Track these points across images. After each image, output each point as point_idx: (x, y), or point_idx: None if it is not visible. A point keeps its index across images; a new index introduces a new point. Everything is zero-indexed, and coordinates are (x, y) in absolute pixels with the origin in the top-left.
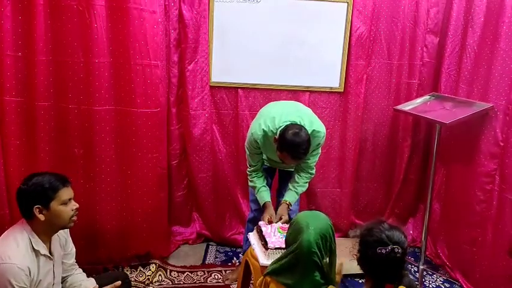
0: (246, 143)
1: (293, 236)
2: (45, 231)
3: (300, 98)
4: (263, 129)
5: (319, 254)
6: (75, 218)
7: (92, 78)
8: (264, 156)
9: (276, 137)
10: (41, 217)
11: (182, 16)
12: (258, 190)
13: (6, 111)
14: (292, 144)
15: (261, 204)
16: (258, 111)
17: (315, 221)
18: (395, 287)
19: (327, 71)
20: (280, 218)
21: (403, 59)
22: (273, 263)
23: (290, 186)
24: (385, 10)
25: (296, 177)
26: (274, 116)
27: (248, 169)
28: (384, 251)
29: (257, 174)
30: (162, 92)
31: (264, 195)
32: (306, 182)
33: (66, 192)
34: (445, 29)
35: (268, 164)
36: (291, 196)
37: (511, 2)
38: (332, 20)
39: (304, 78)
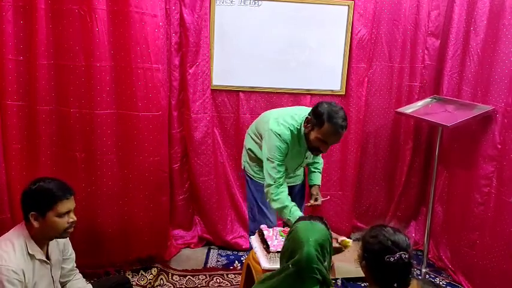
0: (270, 153)
1: (291, 246)
2: (40, 237)
3: (302, 101)
4: (288, 127)
5: (320, 266)
6: (70, 230)
7: (93, 82)
8: None
9: (305, 124)
10: (35, 224)
11: (183, 20)
12: (291, 211)
13: (7, 115)
14: (332, 111)
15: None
16: (259, 114)
17: (314, 233)
18: None
19: (328, 74)
20: (316, 200)
21: (404, 61)
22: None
23: (312, 168)
24: (386, 13)
25: (314, 159)
26: (291, 114)
27: (272, 185)
28: (392, 259)
29: (284, 188)
30: (164, 96)
31: (298, 213)
32: (320, 156)
33: (65, 205)
34: (446, 31)
35: None
36: (317, 178)
37: (511, 4)
38: (333, 23)
39: (306, 81)
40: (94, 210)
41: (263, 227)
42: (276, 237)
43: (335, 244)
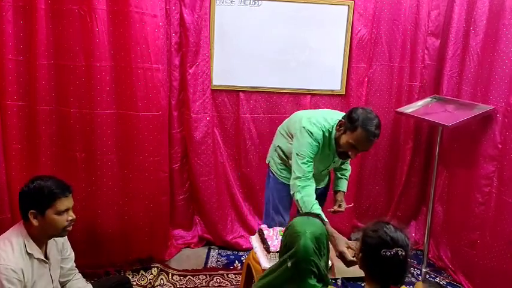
0: (301, 149)
1: (289, 241)
2: (39, 236)
3: (302, 101)
4: (321, 128)
5: (316, 259)
6: (69, 228)
7: (94, 82)
8: None
9: (338, 127)
10: (35, 222)
11: (183, 20)
12: (313, 207)
13: (8, 115)
14: (367, 118)
15: None
16: (259, 114)
17: (310, 227)
18: None
19: (328, 74)
20: (339, 206)
21: (404, 61)
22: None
23: (339, 175)
24: (386, 13)
25: (342, 165)
26: (324, 116)
27: (300, 177)
28: (388, 254)
29: (311, 183)
30: (164, 96)
31: (319, 211)
32: (349, 164)
33: (64, 203)
34: (446, 31)
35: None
36: (343, 185)
37: (511, 4)
38: (333, 22)
39: (306, 81)
40: (94, 210)
41: (263, 227)
42: (276, 237)
43: (352, 258)
